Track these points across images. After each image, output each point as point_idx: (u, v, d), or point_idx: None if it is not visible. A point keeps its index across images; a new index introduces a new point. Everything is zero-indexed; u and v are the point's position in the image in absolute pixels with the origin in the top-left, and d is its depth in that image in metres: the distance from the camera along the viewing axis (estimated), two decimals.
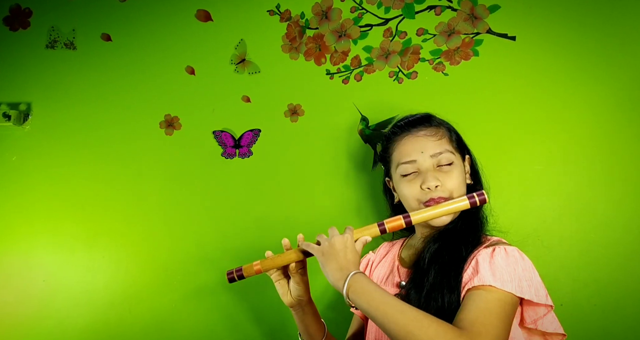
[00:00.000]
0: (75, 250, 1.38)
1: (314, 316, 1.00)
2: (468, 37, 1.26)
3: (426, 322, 0.71)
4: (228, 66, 1.39)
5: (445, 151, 0.95)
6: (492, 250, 0.85)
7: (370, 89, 1.32)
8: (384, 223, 0.92)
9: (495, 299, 0.77)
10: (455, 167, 0.96)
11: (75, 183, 1.40)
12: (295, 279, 0.96)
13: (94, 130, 1.42)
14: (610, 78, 1.16)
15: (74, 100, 1.43)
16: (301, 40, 1.36)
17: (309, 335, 1.00)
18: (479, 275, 0.80)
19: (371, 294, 0.78)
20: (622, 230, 1.12)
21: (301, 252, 0.94)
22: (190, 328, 1.35)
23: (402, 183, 0.97)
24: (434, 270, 0.86)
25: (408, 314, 0.73)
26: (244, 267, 0.97)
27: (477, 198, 0.90)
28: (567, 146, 1.18)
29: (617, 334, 1.08)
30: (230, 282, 0.97)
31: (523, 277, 0.81)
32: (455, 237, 0.91)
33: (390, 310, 0.75)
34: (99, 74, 1.43)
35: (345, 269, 0.83)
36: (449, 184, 0.93)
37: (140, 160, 1.40)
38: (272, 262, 0.96)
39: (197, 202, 1.38)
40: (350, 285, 0.81)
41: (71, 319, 1.35)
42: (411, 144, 0.97)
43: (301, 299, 0.97)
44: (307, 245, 0.93)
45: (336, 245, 0.86)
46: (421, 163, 0.95)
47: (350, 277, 0.82)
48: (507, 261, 0.82)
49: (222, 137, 1.38)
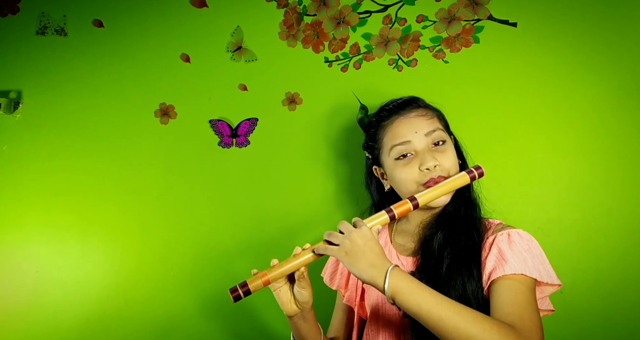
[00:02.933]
0: (68, 241, 1.36)
1: (313, 323, 0.95)
2: (469, 23, 1.24)
3: (487, 325, 0.69)
4: (224, 54, 1.37)
5: (437, 129, 0.94)
6: (507, 235, 0.85)
7: (370, 77, 1.30)
8: (392, 209, 0.89)
9: (528, 289, 0.78)
10: (448, 145, 0.95)
11: (68, 173, 1.37)
12: (301, 283, 0.88)
13: (86, 119, 1.39)
14: (612, 66, 1.16)
15: (65, 88, 1.40)
16: (299, 28, 1.34)
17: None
18: (509, 264, 0.80)
19: (421, 294, 0.73)
20: (622, 219, 1.12)
21: (314, 255, 0.86)
22: (188, 320, 1.34)
23: (398, 167, 0.94)
24: (448, 258, 0.85)
25: (466, 316, 0.70)
26: (248, 281, 0.84)
27: (476, 172, 0.90)
28: (567, 134, 1.18)
29: (617, 321, 1.09)
30: (235, 301, 0.84)
31: (538, 260, 0.83)
32: (460, 221, 0.90)
33: (446, 312, 0.70)
34: (91, 61, 1.40)
35: (380, 265, 0.77)
36: (447, 163, 0.92)
37: (135, 150, 1.38)
38: (281, 269, 0.85)
39: (193, 192, 1.36)
40: (393, 285, 0.74)
41: (65, 312, 1.34)
42: (404, 126, 0.95)
43: (306, 305, 0.91)
44: (325, 249, 0.84)
45: (358, 241, 0.80)
46: (416, 144, 0.93)
47: (390, 272, 0.75)
48: (524, 246, 0.83)
49: (218, 126, 1.36)
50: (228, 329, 1.33)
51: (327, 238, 0.85)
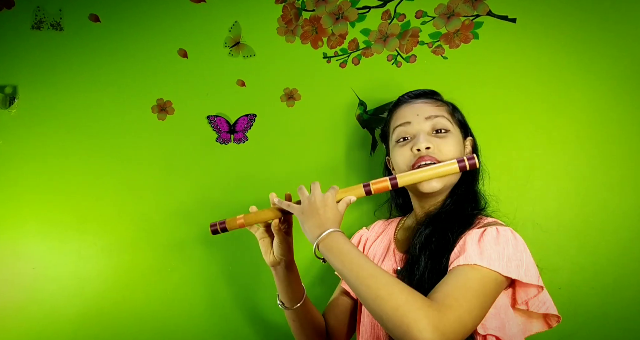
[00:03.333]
0: (65, 237, 1.35)
1: (294, 277, 0.97)
2: (468, 19, 1.24)
3: (397, 289, 0.69)
4: (222, 49, 1.36)
5: (441, 116, 0.94)
6: (482, 230, 0.82)
7: (368, 73, 1.30)
8: (370, 184, 0.89)
9: (477, 277, 0.74)
10: (451, 135, 0.93)
11: (65, 168, 1.36)
12: (278, 237, 0.92)
13: (83, 115, 1.38)
14: (612, 62, 1.15)
15: (61, 84, 1.39)
16: (297, 23, 1.33)
17: (287, 296, 0.97)
18: (465, 254, 0.77)
19: (346, 254, 0.76)
20: (621, 215, 1.12)
21: (280, 210, 0.92)
22: (187, 316, 1.33)
23: (396, 150, 0.95)
24: (424, 258, 0.84)
25: (380, 278, 0.71)
26: (227, 220, 0.96)
27: (467, 162, 0.85)
28: (566, 130, 1.17)
29: (615, 318, 1.09)
30: (213, 234, 0.97)
31: (513, 257, 0.77)
32: (445, 221, 0.88)
33: (363, 273, 0.73)
34: (88, 56, 1.39)
35: (323, 227, 0.81)
36: (445, 148, 0.91)
37: (132, 146, 1.37)
38: (254, 216, 0.95)
39: (191, 189, 1.35)
40: (324, 240, 0.79)
41: (62, 308, 1.33)
42: (409, 109, 0.96)
43: (283, 258, 0.94)
44: (288, 205, 0.89)
45: (316, 203, 0.83)
46: (415, 126, 0.93)
47: (328, 233, 0.79)
48: (497, 240, 0.79)
49: (216, 122, 1.35)
50: (226, 326, 1.32)
51: (298, 193, 0.90)
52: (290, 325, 1.01)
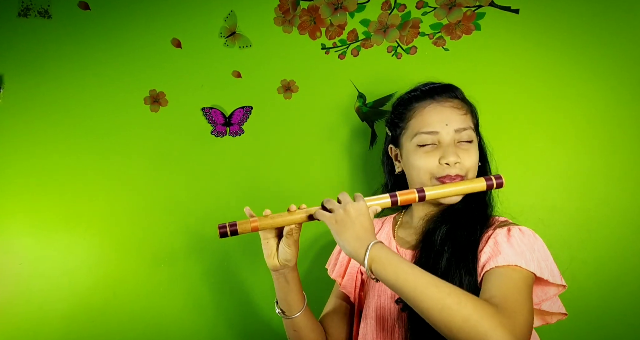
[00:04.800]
0: (53, 231, 1.31)
1: (295, 284, 0.93)
2: (470, 10, 1.22)
3: (464, 298, 0.67)
4: (217, 39, 1.32)
5: (469, 128, 0.92)
6: (507, 230, 0.83)
7: (368, 65, 1.28)
8: (397, 195, 0.87)
9: (522, 278, 0.75)
10: (474, 146, 0.92)
11: (52, 161, 1.32)
12: (288, 241, 0.88)
13: (72, 106, 1.33)
14: (616, 56, 1.14)
15: (49, 73, 1.33)
16: (295, 13, 1.30)
17: (288, 304, 0.93)
18: (503, 255, 0.78)
19: (398, 265, 0.72)
20: (623, 210, 1.12)
21: (307, 216, 0.87)
22: (179, 312, 1.31)
23: (417, 153, 0.92)
24: (448, 252, 0.83)
25: (443, 288, 0.68)
26: (238, 222, 0.86)
27: (495, 181, 0.87)
28: (569, 124, 1.17)
29: (617, 312, 1.08)
30: (221, 237, 0.86)
31: (540, 257, 0.80)
32: (466, 217, 0.88)
33: (423, 282, 0.69)
34: (77, 45, 1.34)
35: (364, 238, 0.77)
36: (467, 162, 0.90)
37: (124, 138, 1.33)
38: (272, 220, 0.87)
39: (184, 183, 1.32)
40: (373, 256, 0.74)
41: (51, 304, 1.29)
42: (436, 114, 0.92)
43: (288, 263, 0.90)
44: (317, 213, 0.84)
45: (351, 213, 0.80)
46: (443, 136, 0.90)
47: (372, 246, 0.75)
48: (524, 241, 0.81)
49: (211, 114, 1.32)
50: (219, 322, 1.30)
51: (324, 204, 0.86)
52: (289, 335, 0.97)
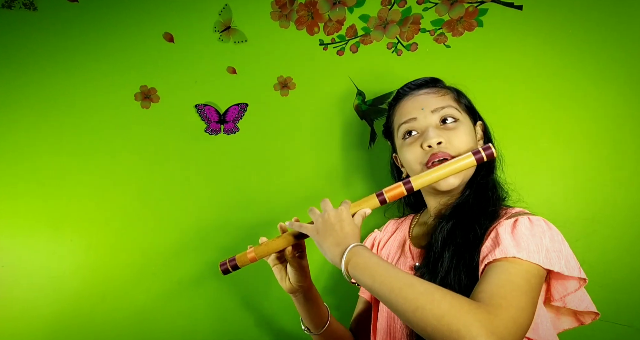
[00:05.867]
0: (38, 232, 1.27)
1: (315, 302, 0.93)
2: (472, 6, 1.19)
3: (438, 295, 0.62)
4: (211, 34, 1.28)
5: (448, 106, 0.88)
6: (514, 220, 0.77)
7: (367, 61, 1.24)
8: (383, 192, 0.83)
9: (520, 271, 0.68)
10: (462, 124, 0.88)
11: (39, 158, 1.27)
12: (292, 264, 0.88)
13: (58, 101, 1.29)
14: (622, 53, 1.12)
15: (34, 68, 1.29)
16: (292, 7, 1.26)
17: (311, 321, 0.93)
18: (501, 247, 0.71)
19: (374, 268, 0.69)
20: (628, 210, 1.09)
21: (293, 236, 0.86)
22: (171, 318, 1.26)
23: (404, 147, 0.89)
24: (449, 253, 0.79)
25: (417, 287, 0.64)
26: (237, 257, 0.90)
27: (484, 153, 0.80)
28: (573, 123, 1.14)
29: (627, 314, 1.06)
30: (224, 274, 0.90)
31: (551, 247, 0.72)
32: (469, 213, 0.83)
33: (397, 283, 0.66)
34: (64, 38, 1.30)
35: (343, 243, 0.75)
36: (456, 140, 0.85)
37: (113, 136, 1.29)
38: (266, 248, 0.88)
39: (177, 182, 1.28)
40: (349, 259, 0.72)
41: (36, 309, 1.25)
42: (411, 103, 0.90)
43: (301, 284, 0.89)
44: (300, 226, 0.84)
45: (331, 220, 0.78)
46: (421, 121, 0.87)
47: (349, 250, 0.73)
48: (532, 231, 0.74)
49: (205, 111, 1.27)
50: (214, 327, 1.26)
51: (309, 213, 0.85)
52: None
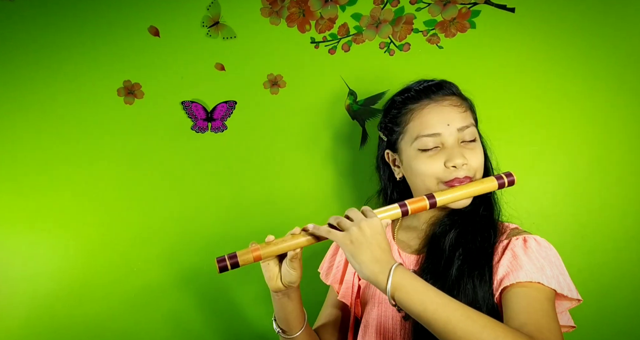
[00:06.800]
0: (13, 231, 1.22)
1: (298, 303, 0.89)
2: (465, 7, 1.19)
3: (500, 331, 0.63)
4: (199, 29, 1.24)
5: (471, 125, 0.87)
6: (523, 240, 0.80)
7: (359, 61, 1.23)
8: (407, 204, 0.81)
9: (546, 299, 0.73)
10: (478, 144, 0.88)
11: (14, 154, 1.22)
12: (293, 264, 0.82)
13: (37, 95, 1.23)
14: (612, 56, 1.13)
15: (13, 61, 1.23)
16: (283, 4, 1.24)
17: (288, 323, 0.89)
18: (524, 270, 0.74)
19: (426, 294, 0.67)
20: (618, 215, 1.11)
21: (315, 237, 0.80)
22: (152, 322, 1.23)
23: (420, 158, 0.86)
24: (460, 259, 0.79)
25: (477, 320, 0.64)
26: (238, 253, 0.78)
27: (506, 179, 0.83)
28: (565, 126, 1.15)
29: (613, 319, 1.07)
30: (220, 272, 0.77)
31: (558, 271, 0.77)
32: (476, 221, 0.84)
33: (455, 314, 0.65)
34: (43, 30, 1.23)
35: (384, 261, 0.71)
36: (474, 162, 0.85)
37: (94, 132, 1.24)
38: (276, 247, 0.79)
39: (161, 181, 1.25)
40: (396, 283, 0.69)
41: (9, 310, 1.21)
42: (436, 115, 0.86)
43: (292, 284, 0.85)
44: (329, 233, 0.77)
45: (367, 231, 0.73)
46: (446, 137, 0.85)
47: (394, 270, 0.69)
48: (542, 253, 0.78)
49: (192, 108, 1.24)
50: (195, 334, 1.24)
51: (332, 222, 0.79)
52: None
